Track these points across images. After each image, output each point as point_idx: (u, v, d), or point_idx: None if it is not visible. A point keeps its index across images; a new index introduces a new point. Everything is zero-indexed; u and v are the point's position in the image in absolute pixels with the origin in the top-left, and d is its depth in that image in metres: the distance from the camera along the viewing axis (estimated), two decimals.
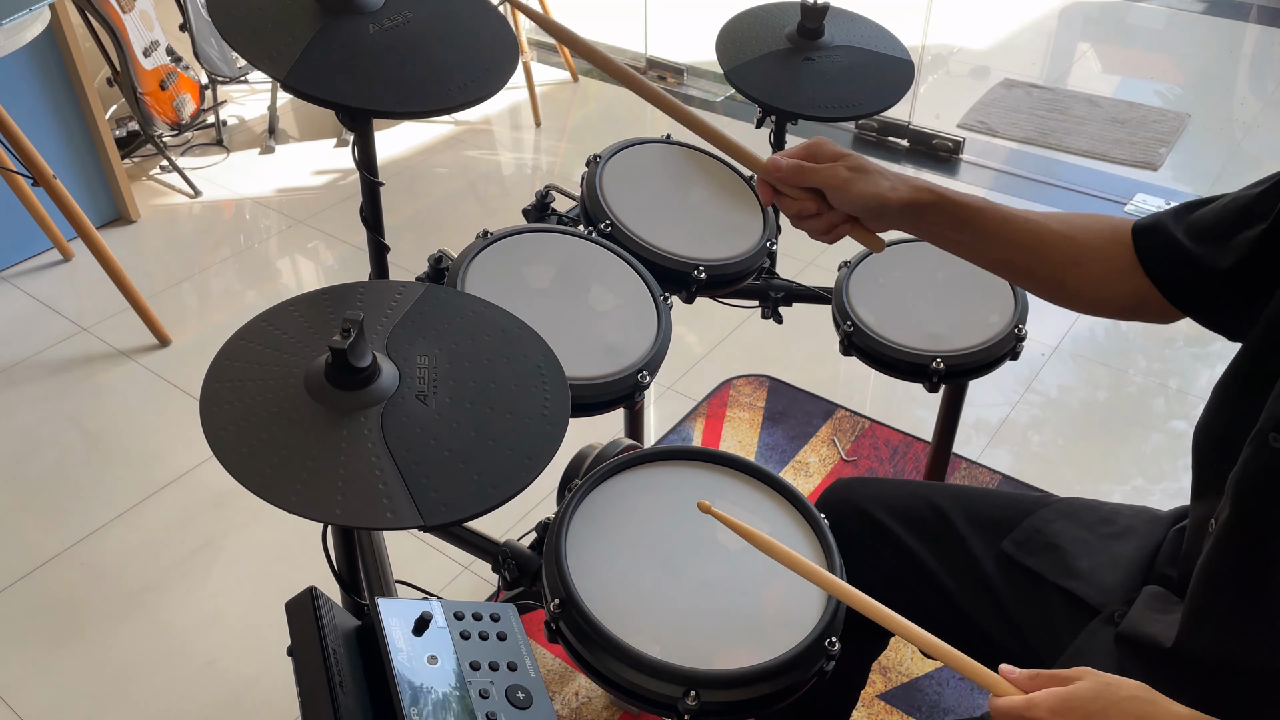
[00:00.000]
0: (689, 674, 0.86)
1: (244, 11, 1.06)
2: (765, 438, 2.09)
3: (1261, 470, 0.77)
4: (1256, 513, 0.77)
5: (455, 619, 0.82)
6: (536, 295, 1.19)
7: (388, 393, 0.86)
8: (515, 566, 1.16)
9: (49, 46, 2.44)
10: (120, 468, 2.01)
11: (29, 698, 1.60)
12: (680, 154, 1.48)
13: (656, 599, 0.93)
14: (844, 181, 0.93)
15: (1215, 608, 0.82)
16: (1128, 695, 0.74)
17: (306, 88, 1.03)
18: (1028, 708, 0.75)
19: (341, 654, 0.77)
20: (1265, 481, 0.76)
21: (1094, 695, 0.74)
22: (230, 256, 2.67)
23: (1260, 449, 0.76)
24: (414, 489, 0.79)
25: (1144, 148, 3.12)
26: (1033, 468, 2.03)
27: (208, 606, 1.75)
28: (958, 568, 1.08)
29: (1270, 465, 0.76)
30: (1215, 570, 0.82)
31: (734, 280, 1.37)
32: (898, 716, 1.57)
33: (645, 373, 1.15)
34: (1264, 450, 0.76)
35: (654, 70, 3.70)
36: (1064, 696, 0.75)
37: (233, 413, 0.82)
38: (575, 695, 1.58)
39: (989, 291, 1.41)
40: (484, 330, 0.96)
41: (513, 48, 1.21)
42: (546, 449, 0.86)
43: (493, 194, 3.00)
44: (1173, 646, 0.85)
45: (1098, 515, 1.08)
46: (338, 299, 0.96)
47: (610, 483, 1.02)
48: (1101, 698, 0.74)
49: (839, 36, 1.50)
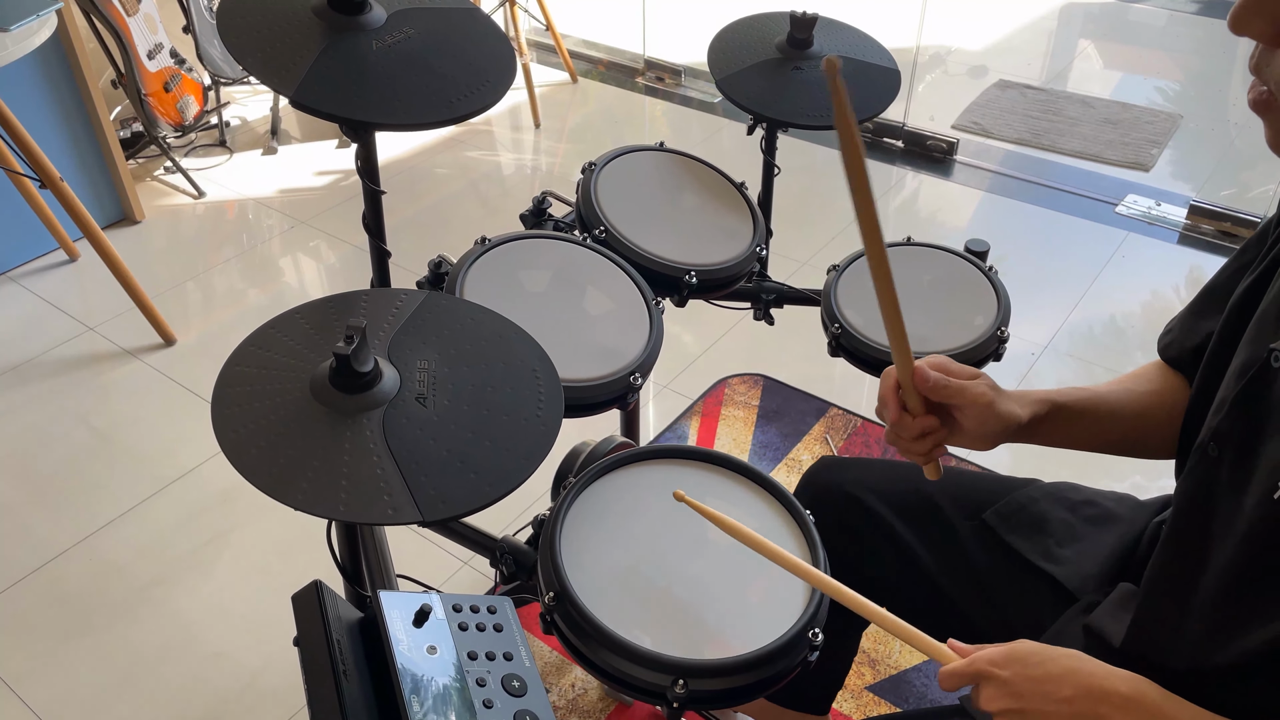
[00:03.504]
0: (677, 663, 0.90)
1: (253, 33, 1.10)
2: (759, 435, 2.13)
3: (1198, 480, 0.80)
4: (1192, 519, 0.81)
5: (454, 611, 0.86)
6: (533, 299, 1.23)
7: (389, 396, 0.90)
8: (512, 561, 1.20)
9: (54, 50, 2.47)
10: (127, 464, 2.05)
11: (39, 689, 1.64)
12: (673, 161, 1.52)
13: (647, 592, 0.96)
14: (991, 403, 0.91)
15: (1157, 610, 0.85)
16: (1064, 652, 0.78)
17: (314, 103, 1.07)
18: (970, 664, 0.80)
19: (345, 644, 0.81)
20: (1200, 490, 0.80)
21: (1032, 650, 0.78)
22: (234, 256, 2.71)
23: (1201, 459, 0.80)
24: (413, 487, 0.83)
25: (1136, 148, 3.16)
26: (1030, 466, 2.06)
27: (215, 599, 1.79)
28: (940, 547, 1.10)
29: (1205, 475, 0.79)
30: (1157, 574, 0.86)
31: (725, 284, 1.41)
32: (886, 708, 1.61)
33: (638, 374, 1.18)
34: (1204, 460, 0.80)
35: (652, 71, 3.73)
36: (1004, 650, 0.79)
37: (243, 416, 0.86)
38: (572, 686, 1.62)
39: (973, 294, 1.44)
40: (481, 336, 1.00)
41: (510, 59, 1.25)
42: (540, 449, 0.90)
43: (493, 195, 3.04)
44: (1120, 646, 0.88)
45: (1081, 496, 1.11)
46: (342, 306, 1.00)
47: (603, 481, 1.06)
48: (1039, 652, 0.78)
49: (828, 46, 1.54)
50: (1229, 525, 0.76)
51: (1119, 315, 2.48)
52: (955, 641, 0.84)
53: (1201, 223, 2.82)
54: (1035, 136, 3.23)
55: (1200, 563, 0.79)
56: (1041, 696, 0.75)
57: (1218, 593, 0.77)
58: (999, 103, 3.43)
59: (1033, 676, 0.76)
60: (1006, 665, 0.77)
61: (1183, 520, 0.82)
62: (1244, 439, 0.76)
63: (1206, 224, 2.81)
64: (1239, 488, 0.75)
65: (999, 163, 3.14)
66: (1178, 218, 2.85)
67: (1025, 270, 2.62)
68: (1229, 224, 2.79)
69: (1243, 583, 0.75)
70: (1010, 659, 0.78)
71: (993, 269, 1.44)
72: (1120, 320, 2.46)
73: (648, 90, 3.67)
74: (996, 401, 0.91)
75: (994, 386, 0.93)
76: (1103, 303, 2.51)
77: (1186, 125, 3.33)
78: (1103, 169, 3.08)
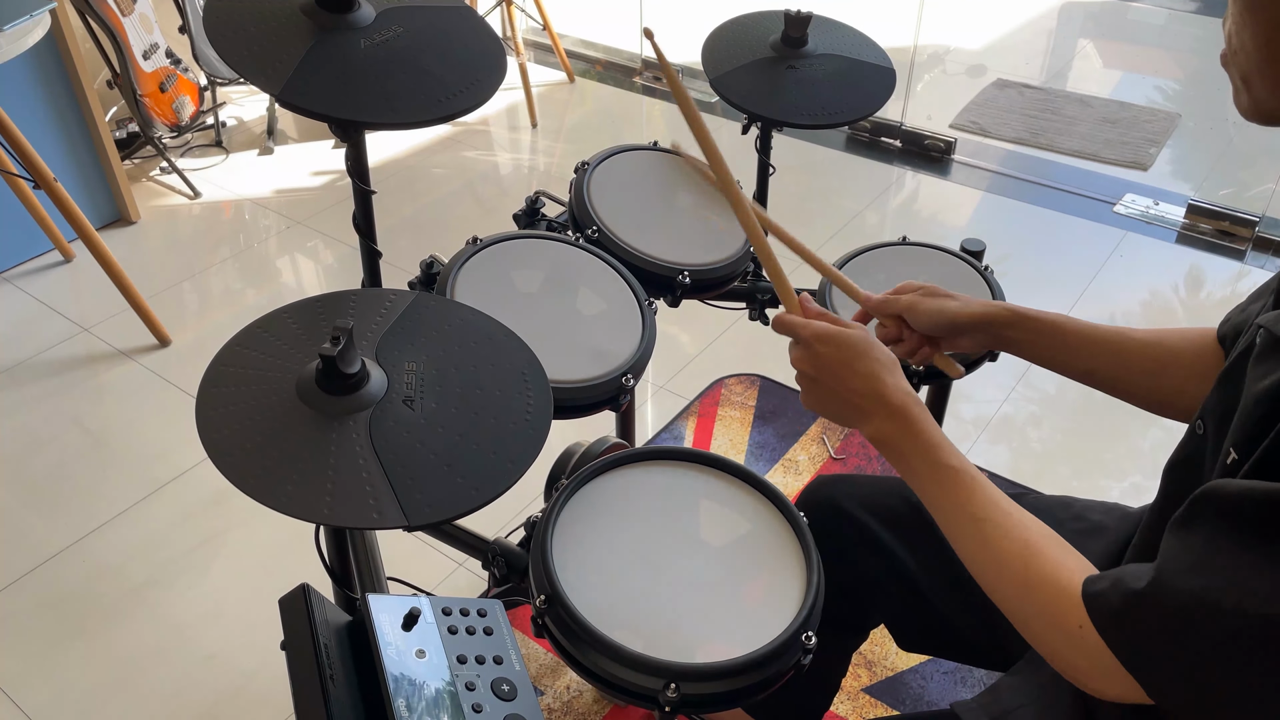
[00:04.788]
0: (670, 667, 0.89)
1: (239, 30, 1.09)
2: (756, 436, 2.12)
3: (1184, 457, 0.81)
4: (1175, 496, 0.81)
5: (443, 614, 0.85)
6: (525, 300, 1.22)
7: (376, 398, 0.89)
8: (504, 564, 1.19)
9: (49, 50, 2.46)
10: (121, 466, 2.05)
11: (32, 692, 1.64)
12: (666, 161, 1.51)
13: (639, 595, 0.96)
14: (912, 303, 1.06)
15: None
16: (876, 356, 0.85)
17: (301, 102, 1.06)
18: (803, 326, 0.88)
19: (333, 648, 0.80)
20: (1184, 466, 0.80)
21: (852, 341, 0.86)
22: (229, 257, 2.70)
23: (1190, 437, 0.80)
24: (399, 491, 0.82)
25: (1135, 148, 3.15)
26: (1029, 465, 2.06)
27: (207, 602, 1.78)
28: (931, 562, 1.10)
29: (1192, 452, 0.79)
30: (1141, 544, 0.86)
31: (719, 284, 1.40)
32: (882, 710, 1.60)
33: (630, 375, 1.18)
34: (1192, 438, 0.80)
35: (650, 71, 3.73)
36: (833, 331, 0.86)
37: (228, 417, 0.86)
38: (567, 689, 1.62)
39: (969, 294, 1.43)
40: (470, 337, 0.99)
41: (501, 57, 1.24)
42: (529, 453, 0.89)
43: (490, 194, 3.03)
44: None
45: (1070, 511, 1.11)
46: (330, 306, 0.99)
47: (595, 482, 1.05)
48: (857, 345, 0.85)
49: (822, 45, 1.53)
50: None
51: (1118, 314, 2.47)
52: (808, 297, 0.94)
53: (1200, 222, 2.81)
54: (1033, 136, 3.22)
55: None
56: (834, 378, 0.86)
57: None
58: (997, 102, 3.42)
59: (838, 359, 0.85)
60: (825, 342, 0.86)
61: (1166, 499, 0.83)
62: (1223, 414, 0.76)
63: (1205, 223, 2.80)
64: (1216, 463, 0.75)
65: (997, 162, 3.13)
66: (1176, 217, 2.84)
67: (1023, 270, 2.61)
68: (1227, 223, 2.78)
69: None
70: (832, 339, 0.86)
71: (988, 268, 1.43)
72: (1119, 319, 2.45)
73: (645, 90, 3.66)
74: (920, 302, 1.05)
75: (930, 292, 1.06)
76: (1101, 302, 2.50)
77: (1185, 124, 3.32)
78: (1101, 168, 3.08)
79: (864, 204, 2.94)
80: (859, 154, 3.21)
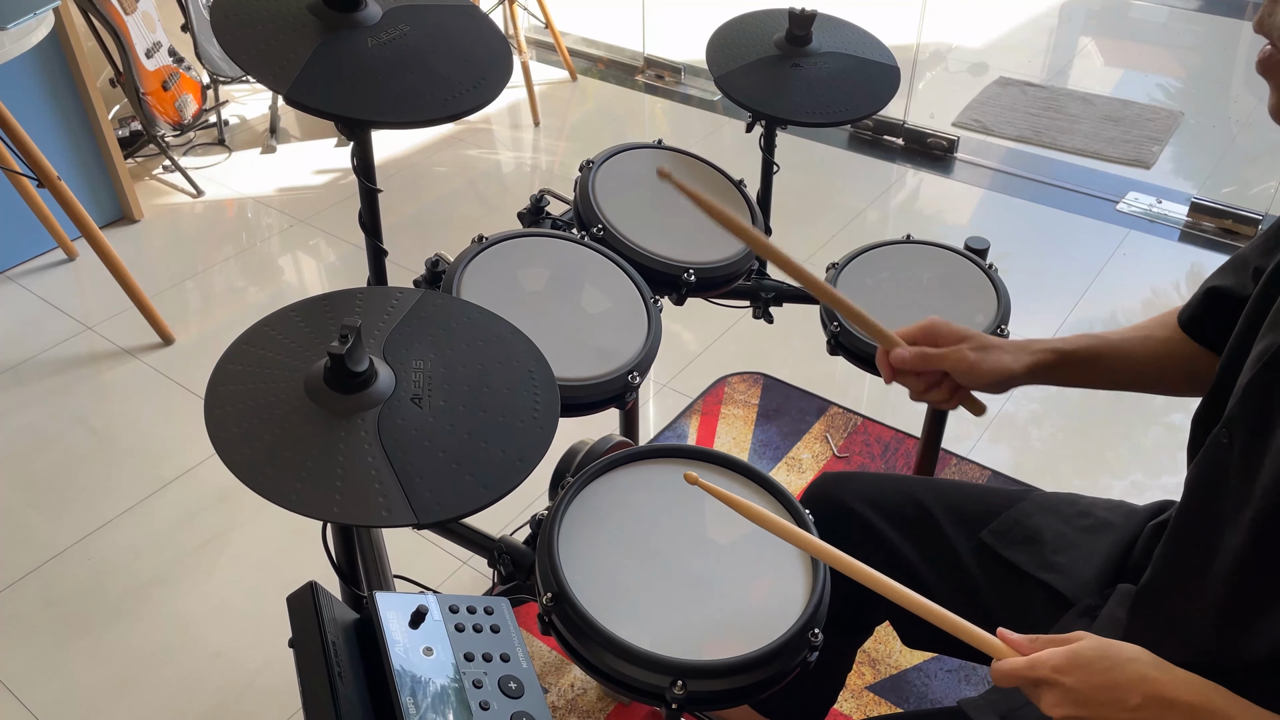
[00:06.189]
0: (676, 664, 0.89)
1: (247, 30, 1.09)
2: (759, 434, 2.12)
3: (1209, 468, 0.80)
4: (1200, 509, 0.81)
5: (450, 612, 0.86)
6: (530, 298, 1.23)
7: (384, 396, 0.89)
8: (510, 561, 1.19)
9: (53, 49, 2.47)
10: (126, 464, 2.05)
11: (38, 691, 1.64)
12: (670, 158, 1.51)
13: (645, 592, 0.96)
14: (972, 364, 1.00)
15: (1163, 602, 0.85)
16: (1130, 656, 0.75)
17: (308, 101, 1.06)
18: (1031, 667, 0.76)
19: (341, 646, 0.80)
20: (1210, 477, 0.80)
21: (1098, 654, 0.75)
22: (233, 255, 2.71)
23: (1213, 445, 0.80)
24: (408, 488, 0.83)
25: (1137, 146, 3.15)
26: (1031, 463, 2.06)
27: (213, 599, 1.79)
28: (938, 561, 1.11)
29: (1217, 462, 0.79)
30: (1162, 566, 0.85)
31: (723, 282, 1.40)
32: (886, 708, 1.61)
33: (635, 373, 1.18)
34: (1215, 447, 0.80)
35: (652, 69, 3.73)
36: (1068, 654, 0.76)
37: (236, 415, 0.86)
38: (571, 687, 1.62)
39: (973, 292, 1.44)
40: (477, 335, 0.99)
41: (507, 56, 1.24)
42: (536, 450, 0.89)
43: (492, 193, 3.03)
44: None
45: (1076, 509, 1.11)
46: (337, 305, 0.99)
47: (601, 480, 1.06)
48: (1106, 656, 0.75)
49: (826, 43, 1.53)
50: (1238, 512, 0.76)
51: (1120, 313, 2.47)
52: (1006, 632, 0.81)
53: (1203, 220, 2.81)
54: (1036, 134, 3.22)
55: (1209, 552, 0.79)
56: (1108, 705, 0.74)
57: (1227, 582, 0.77)
58: (1000, 100, 3.42)
59: (1099, 685, 0.74)
60: (1071, 671, 0.75)
61: (1191, 510, 0.82)
62: (1256, 425, 0.76)
63: (1208, 221, 2.80)
64: (1250, 474, 0.75)
65: (1000, 160, 3.13)
66: (1179, 215, 2.84)
67: (1026, 268, 2.61)
68: (1230, 221, 2.78)
69: (1254, 570, 0.75)
70: (1074, 664, 0.75)
71: (992, 267, 1.44)
72: (1121, 318, 2.45)
73: (647, 88, 3.66)
74: (980, 361, 0.99)
75: (981, 345, 1.00)
76: (1104, 300, 2.50)
77: (1187, 122, 3.32)
78: (1104, 166, 3.07)
79: (866, 202, 2.94)
80: (861, 152, 3.21)
